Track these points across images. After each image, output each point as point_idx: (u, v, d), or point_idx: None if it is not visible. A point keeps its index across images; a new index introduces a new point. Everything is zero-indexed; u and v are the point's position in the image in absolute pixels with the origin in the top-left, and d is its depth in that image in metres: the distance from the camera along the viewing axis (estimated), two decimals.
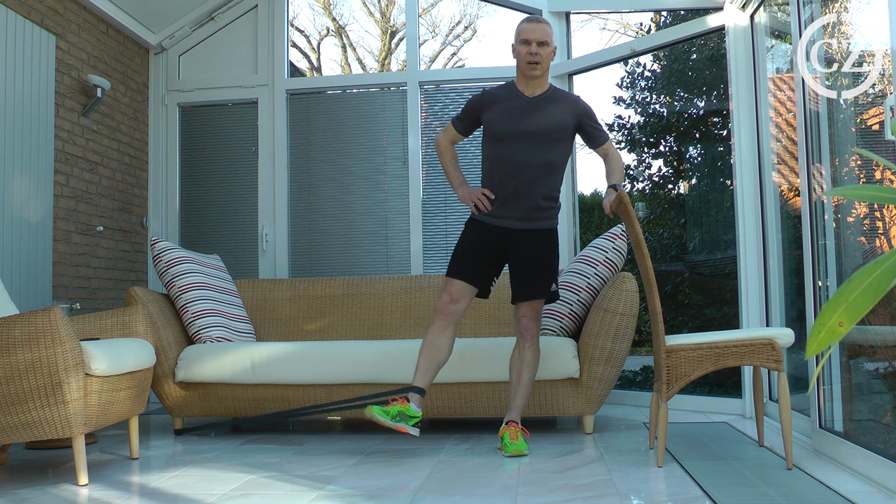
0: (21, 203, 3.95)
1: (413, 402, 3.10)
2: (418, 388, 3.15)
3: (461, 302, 3.25)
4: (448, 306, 3.22)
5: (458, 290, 3.24)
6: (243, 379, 3.72)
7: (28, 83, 4.00)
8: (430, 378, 3.21)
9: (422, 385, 3.17)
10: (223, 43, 5.26)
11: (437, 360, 3.21)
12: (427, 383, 3.19)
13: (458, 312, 3.24)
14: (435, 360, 3.21)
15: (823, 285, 3.04)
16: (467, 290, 3.26)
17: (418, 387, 3.16)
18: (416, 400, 3.12)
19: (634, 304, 3.49)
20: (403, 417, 3.05)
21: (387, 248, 5.03)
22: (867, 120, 3.11)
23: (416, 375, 3.19)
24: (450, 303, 3.23)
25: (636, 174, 5.24)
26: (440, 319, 3.22)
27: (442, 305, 3.23)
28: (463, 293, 3.25)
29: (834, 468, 2.70)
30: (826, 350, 1.12)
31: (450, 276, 3.27)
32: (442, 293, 3.26)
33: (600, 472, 2.75)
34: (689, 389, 4.22)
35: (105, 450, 3.44)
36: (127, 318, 3.30)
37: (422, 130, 5.03)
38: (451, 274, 3.27)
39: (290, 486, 2.65)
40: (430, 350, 3.21)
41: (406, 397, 3.12)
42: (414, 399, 3.12)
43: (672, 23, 5.15)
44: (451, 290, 3.24)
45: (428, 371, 3.20)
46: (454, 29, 9.95)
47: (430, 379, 3.21)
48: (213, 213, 5.22)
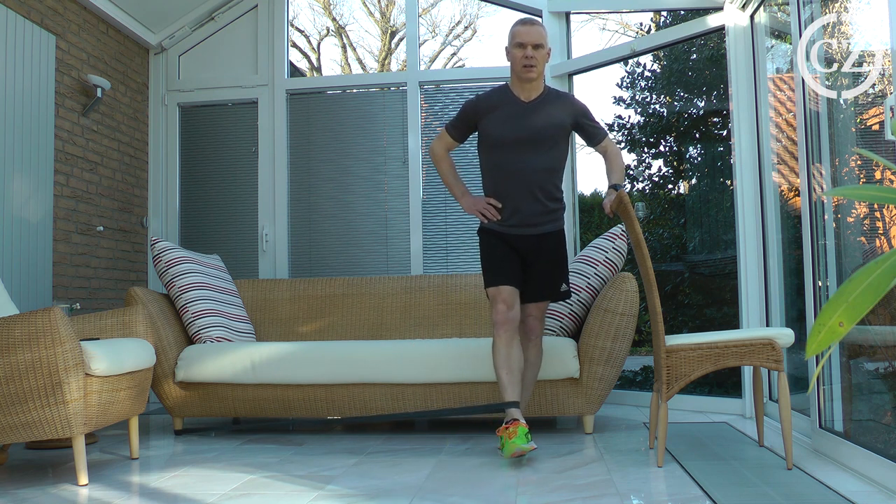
0: (21, 203, 3.95)
1: (520, 418, 3.01)
2: (516, 403, 3.07)
3: (516, 306, 3.17)
4: (507, 315, 3.13)
5: (509, 296, 3.16)
6: (243, 379, 3.72)
7: (28, 83, 4.01)
8: (520, 389, 3.14)
9: (517, 398, 3.08)
10: (223, 43, 5.26)
11: (518, 369, 3.12)
12: (519, 395, 3.12)
13: (516, 318, 3.16)
14: (516, 370, 3.11)
15: (823, 285, 3.04)
16: (516, 294, 3.19)
17: (515, 401, 3.07)
18: (519, 414, 3.03)
19: (634, 304, 3.49)
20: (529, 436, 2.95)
21: (387, 248, 5.03)
22: (867, 120, 3.11)
23: (507, 390, 3.08)
24: (507, 311, 3.13)
25: (636, 174, 5.24)
26: (504, 331, 3.12)
27: (501, 317, 3.13)
28: (514, 297, 3.18)
29: (834, 468, 2.70)
30: (826, 350, 1.12)
31: (495, 286, 3.17)
32: (495, 304, 3.15)
33: (600, 472, 2.75)
34: (689, 389, 4.22)
35: (105, 450, 3.44)
36: (127, 318, 3.30)
37: (422, 130, 5.03)
38: (496, 283, 3.18)
39: (290, 486, 2.65)
40: (509, 363, 3.10)
41: (515, 418, 3.01)
42: (518, 414, 3.03)
43: (672, 23, 5.15)
44: (503, 298, 3.15)
45: (515, 383, 3.10)
46: (454, 29, 9.96)
47: (520, 389, 3.13)
48: (213, 213, 5.22)
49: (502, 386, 3.11)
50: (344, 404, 3.69)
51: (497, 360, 3.13)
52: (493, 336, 3.18)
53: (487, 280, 3.22)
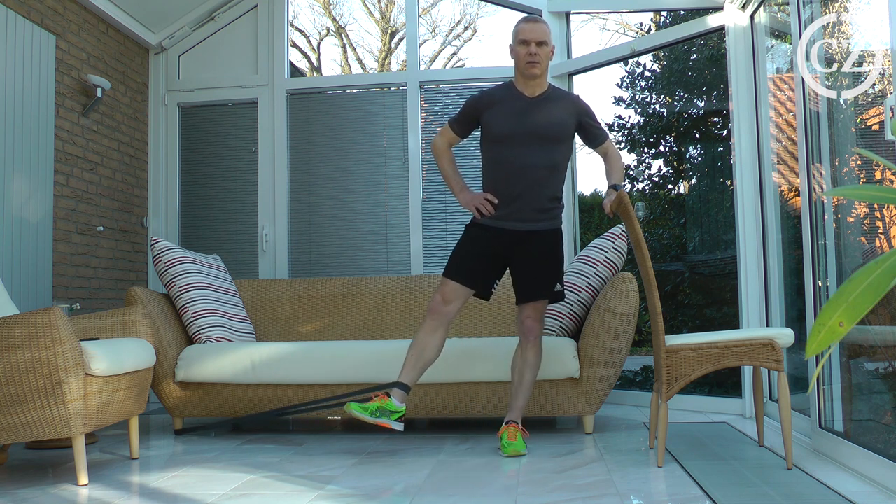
0: (21, 203, 3.95)
1: (395, 398, 3.10)
2: (402, 385, 3.14)
3: (454, 303, 3.23)
4: (440, 307, 3.21)
5: (451, 292, 3.23)
6: (243, 379, 3.72)
7: (28, 83, 4.01)
8: (417, 376, 3.20)
9: (407, 382, 3.15)
10: (223, 43, 5.26)
11: (425, 358, 3.20)
12: (413, 381, 3.18)
13: (450, 314, 3.23)
14: (423, 358, 3.20)
15: (823, 285, 3.04)
16: (461, 292, 3.24)
17: (403, 383, 3.15)
18: (399, 396, 3.11)
19: (634, 304, 3.49)
20: (384, 413, 3.04)
21: (387, 248, 5.03)
22: (867, 120, 3.11)
23: (403, 372, 3.18)
24: (442, 303, 3.21)
25: (636, 174, 5.24)
26: (432, 319, 3.21)
27: (434, 306, 3.22)
28: (457, 294, 3.23)
29: (834, 468, 2.70)
30: (826, 350, 1.12)
31: (445, 277, 3.26)
32: (435, 293, 3.25)
33: (600, 472, 2.75)
34: (689, 389, 4.22)
35: (105, 450, 3.44)
36: (127, 318, 3.30)
37: (422, 130, 5.03)
38: (446, 274, 3.26)
39: (290, 486, 2.65)
40: (420, 348, 3.19)
41: (387, 393, 3.11)
42: (397, 395, 3.11)
43: (672, 23, 5.15)
44: (444, 290, 3.23)
45: (414, 368, 3.18)
46: (454, 29, 9.96)
47: (416, 377, 3.19)
48: (213, 213, 5.22)
49: (403, 365, 3.19)
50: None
51: (413, 342, 3.21)
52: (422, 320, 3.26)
53: (445, 269, 3.29)
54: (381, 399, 3.07)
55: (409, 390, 3.16)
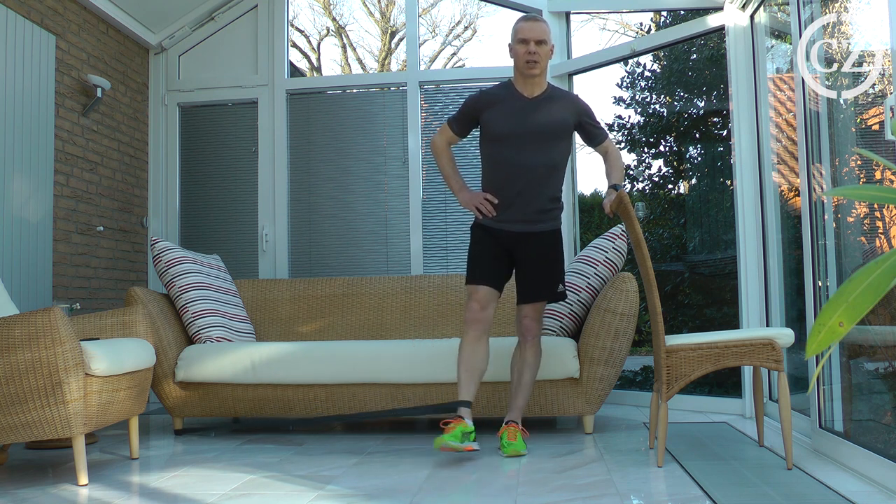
0: (21, 203, 3.95)
1: (467, 418, 3.05)
2: (467, 402, 3.10)
3: (490, 307, 3.20)
4: (479, 314, 3.16)
5: (485, 296, 3.19)
6: (243, 379, 3.72)
7: (28, 83, 4.00)
8: (475, 389, 3.17)
9: (469, 398, 3.12)
10: (223, 43, 5.26)
11: (478, 370, 3.16)
12: (474, 395, 3.15)
13: (489, 319, 3.19)
14: (477, 370, 3.16)
15: (823, 285, 3.04)
16: (493, 295, 3.21)
17: (467, 400, 3.11)
18: (467, 414, 3.07)
19: (634, 304, 3.49)
20: (466, 436, 2.99)
21: (387, 248, 5.03)
22: (867, 120, 3.11)
23: (462, 389, 3.12)
24: (480, 310, 3.16)
25: (636, 174, 5.24)
26: (474, 329, 3.15)
27: (473, 315, 3.16)
28: (490, 298, 3.20)
29: (834, 468, 2.70)
30: (826, 350, 1.12)
31: (473, 284, 3.20)
32: (469, 302, 3.19)
33: (600, 472, 2.75)
34: (689, 389, 4.22)
35: (105, 450, 3.44)
36: (127, 318, 3.30)
37: (422, 130, 5.03)
38: (474, 281, 3.20)
39: (290, 486, 2.65)
40: (470, 362, 3.14)
41: (460, 416, 3.06)
42: (466, 413, 3.07)
43: (672, 23, 5.15)
44: (478, 297, 3.18)
45: (471, 383, 3.14)
46: (454, 29, 9.96)
47: (475, 390, 3.17)
48: (213, 213, 5.22)
49: (459, 383, 3.15)
50: (344, 404, 3.69)
51: (460, 357, 3.17)
52: (463, 333, 3.21)
53: (468, 276, 3.25)
54: (459, 423, 3.00)
55: (471, 405, 3.12)
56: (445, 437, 2.93)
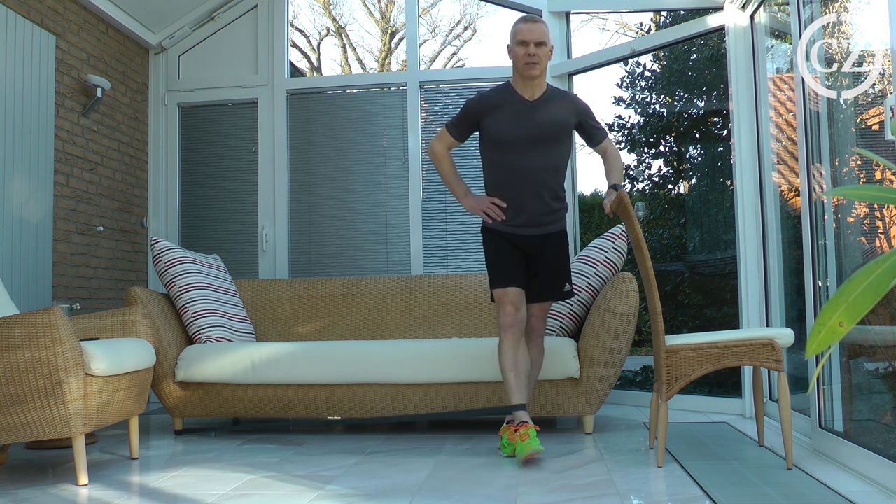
0: (21, 203, 3.95)
1: (530, 420, 3.03)
2: (523, 406, 3.09)
3: (522, 308, 3.17)
4: (514, 317, 3.13)
5: (516, 297, 3.16)
6: (243, 379, 3.72)
7: (28, 83, 4.00)
8: (528, 391, 3.16)
9: (524, 401, 3.11)
10: (223, 43, 5.26)
11: (524, 372, 3.15)
12: (528, 398, 3.15)
13: (523, 321, 3.17)
14: (523, 373, 3.14)
15: (823, 285, 3.04)
16: (521, 295, 3.19)
17: (522, 404, 3.09)
18: (526, 416, 3.06)
19: (634, 304, 3.49)
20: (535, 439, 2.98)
21: (387, 248, 5.03)
22: (867, 120, 3.11)
23: (514, 395, 3.10)
24: (515, 313, 3.14)
25: (636, 174, 5.24)
26: (512, 333, 3.13)
27: (509, 319, 3.13)
28: (520, 298, 3.18)
29: (834, 468, 2.70)
30: (826, 350, 1.12)
31: (502, 287, 3.17)
32: (503, 307, 3.15)
33: (600, 472, 2.75)
34: (689, 389, 4.22)
35: (105, 450, 3.44)
36: (127, 318, 3.30)
37: (422, 130, 5.03)
38: (502, 284, 3.17)
39: (290, 486, 2.65)
40: (515, 366, 3.12)
41: (525, 421, 3.03)
42: (526, 416, 3.05)
43: (672, 23, 5.15)
44: (510, 300, 3.15)
45: (522, 386, 3.12)
46: (454, 29, 9.96)
47: (529, 392, 3.17)
48: (213, 213, 5.22)
49: (509, 388, 3.11)
50: (344, 404, 3.69)
51: (504, 362, 3.13)
52: (500, 338, 3.17)
53: (494, 282, 3.21)
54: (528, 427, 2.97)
55: (526, 408, 3.10)
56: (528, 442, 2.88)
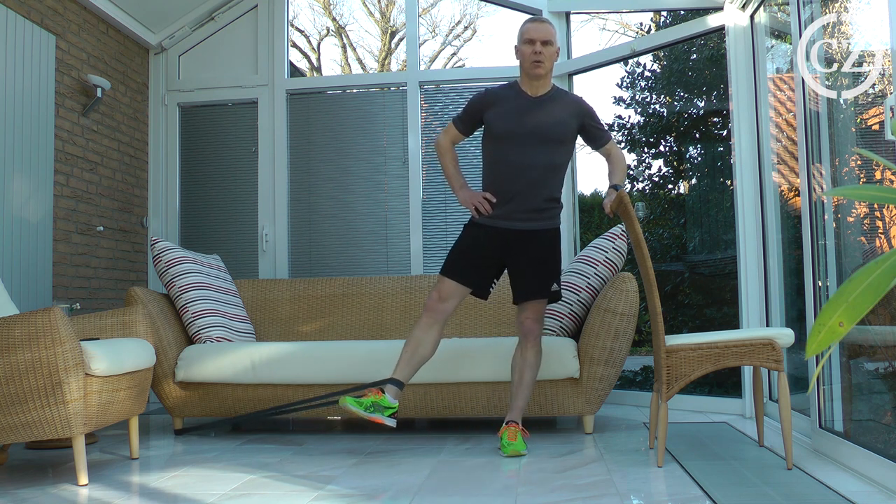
0: (21, 203, 3.95)
1: (389, 394, 3.10)
2: (396, 381, 3.15)
3: (450, 301, 3.24)
4: (437, 304, 3.22)
5: (448, 290, 3.24)
6: (243, 379, 3.72)
7: (28, 83, 4.00)
8: (411, 373, 3.21)
9: (401, 378, 3.16)
10: (223, 43, 5.26)
11: (420, 355, 3.21)
12: (407, 378, 3.18)
13: (446, 311, 3.24)
14: (418, 355, 3.20)
15: (823, 285, 3.04)
16: (458, 291, 3.25)
17: (397, 379, 3.15)
18: (392, 392, 3.11)
19: (634, 304, 3.49)
20: (378, 408, 3.04)
21: (387, 248, 5.03)
22: (867, 120, 3.11)
23: (397, 368, 3.18)
24: (438, 301, 3.22)
25: (636, 174, 5.24)
26: (427, 317, 3.22)
27: (431, 303, 3.23)
28: (453, 293, 3.24)
29: (834, 468, 2.70)
30: (826, 350, 1.12)
31: (441, 275, 3.27)
32: (432, 291, 3.26)
33: (600, 472, 2.75)
34: (689, 389, 4.22)
35: (105, 450, 3.44)
36: (127, 318, 3.30)
37: (422, 130, 5.03)
38: (443, 273, 3.27)
39: (290, 486, 2.65)
40: (415, 346, 3.20)
41: (381, 388, 3.12)
42: (391, 391, 3.11)
43: (672, 23, 5.15)
44: (441, 288, 3.24)
45: (409, 365, 3.19)
46: (454, 29, 9.96)
47: (410, 373, 3.20)
48: (213, 213, 5.22)
49: (398, 361, 3.19)
50: None
51: (409, 338, 3.21)
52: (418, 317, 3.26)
53: (442, 267, 3.30)
54: (376, 394, 3.07)
55: (402, 387, 3.16)
56: (351, 399, 3.00)
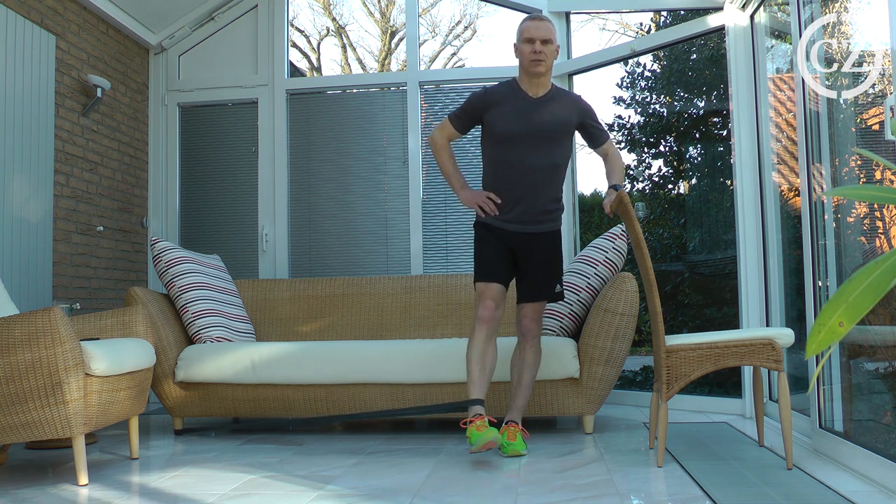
0: (21, 203, 3.95)
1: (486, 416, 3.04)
2: (481, 401, 3.09)
3: (502, 305, 3.20)
4: (492, 313, 3.15)
5: (497, 294, 3.18)
6: (243, 379, 3.72)
7: (28, 83, 4.00)
8: (525, 392, 3.22)
9: (482, 396, 3.11)
10: (223, 43, 5.26)
11: (491, 368, 3.17)
12: (485, 393, 3.15)
13: (499, 318, 3.19)
14: (489, 368, 3.16)
15: (823, 285, 3.03)
16: (503, 293, 3.21)
17: (480, 399, 3.10)
18: (483, 411, 3.06)
19: (634, 304, 3.49)
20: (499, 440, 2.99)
21: (387, 248, 5.03)
22: (867, 120, 3.11)
23: (475, 387, 3.11)
24: (494, 308, 3.16)
25: (636, 174, 5.24)
26: (486, 328, 3.14)
27: (486, 314, 3.15)
28: (501, 295, 3.20)
29: (834, 468, 2.70)
30: (826, 350, 1.12)
31: (485, 282, 3.19)
32: (483, 300, 3.17)
33: (600, 472, 2.75)
34: (689, 389, 4.22)
35: (105, 450, 3.44)
36: (127, 318, 3.30)
37: (422, 130, 5.03)
38: (485, 279, 3.19)
39: (290, 486, 2.65)
40: (483, 361, 3.13)
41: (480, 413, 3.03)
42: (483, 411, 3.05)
43: (672, 23, 5.15)
44: (491, 295, 3.17)
45: (484, 380, 3.13)
46: (454, 29, 9.96)
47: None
48: (213, 213, 5.22)
49: (472, 381, 3.13)
50: (344, 404, 3.69)
51: (472, 354, 3.15)
52: (473, 330, 3.18)
53: (478, 275, 3.24)
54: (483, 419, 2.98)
55: (484, 404, 3.11)
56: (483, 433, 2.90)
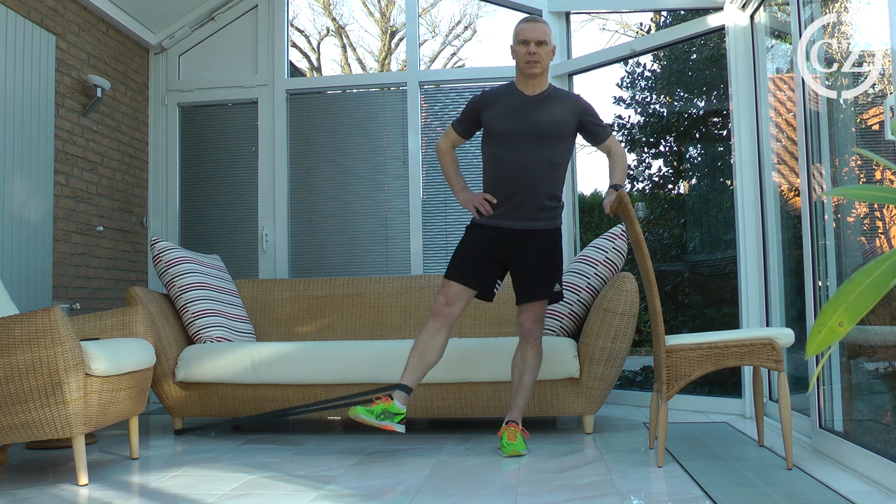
0: (21, 203, 3.95)
1: (398, 400, 3.09)
2: (405, 387, 3.14)
3: (456, 305, 3.24)
4: (443, 308, 3.22)
5: (454, 293, 3.23)
6: (243, 379, 3.72)
7: (28, 83, 4.00)
8: (419, 378, 3.20)
9: (409, 384, 3.16)
10: (223, 43, 5.26)
11: (428, 360, 3.20)
12: (415, 383, 3.18)
13: (452, 315, 3.23)
14: (426, 360, 3.20)
15: (823, 285, 3.04)
16: (464, 293, 3.25)
17: (405, 385, 3.15)
18: (401, 398, 3.11)
19: (634, 304, 3.49)
20: (388, 415, 3.04)
21: (387, 248, 5.03)
22: (867, 120, 3.11)
23: (405, 374, 3.18)
24: (445, 305, 3.22)
25: (636, 174, 5.24)
26: (435, 321, 3.22)
27: (437, 308, 3.22)
28: (459, 296, 3.24)
29: (834, 468, 2.70)
30: (826, 350, 1.12)
31: (447, 279, 3.26)
32: (438, 295, 3.26)
33: (600, 472, 2.75)
34: (689, 389, 4.22)
35: (105, 450, 3.44)
36: (127, 318, 3.30)
37: (422, 130, 5.03)
38: (449, 276, 3.26)
39: (290, 486, 2.65)
40: (422, 350, 3.20)
41: (389, 395, 3.11)
42: (399, 397, 3.11)
43: (672, 23, 5.15)
44: (447, 292, 3.23)
45: (417, 370, 3.18)
46: (454, 29, 9.96)
47: (418, 379, 3.20)
48: (213, 213, 5.22)
49: (406, 367, 3.18)
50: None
51: (416, 343, 3.21)
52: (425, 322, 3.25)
53: (446, 270, 3.29)
54: (385, 401, 3.07)
55: (411, 392, 3.15)
56: (361, 408, 3.00)
